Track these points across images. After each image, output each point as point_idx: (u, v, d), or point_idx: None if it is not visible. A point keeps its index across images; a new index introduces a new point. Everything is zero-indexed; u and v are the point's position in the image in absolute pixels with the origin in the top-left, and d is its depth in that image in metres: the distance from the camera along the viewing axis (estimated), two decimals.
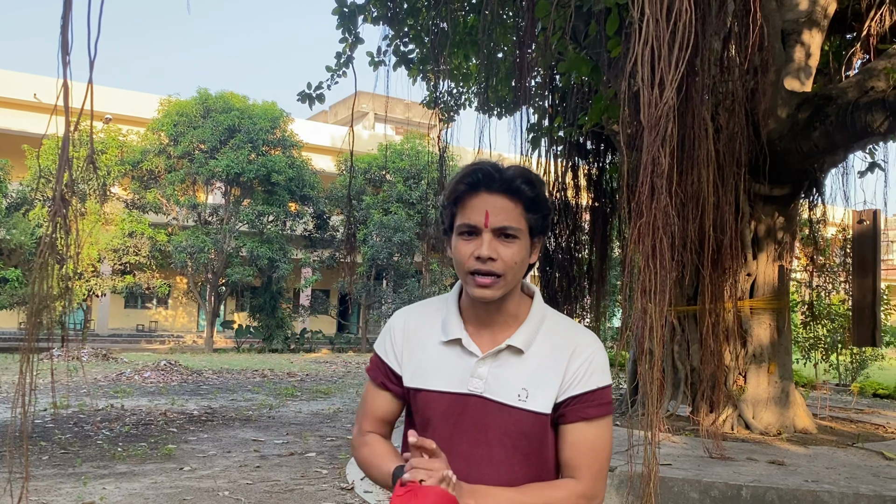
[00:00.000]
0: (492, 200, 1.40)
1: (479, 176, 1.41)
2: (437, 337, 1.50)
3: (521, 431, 1.43)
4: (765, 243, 6.66)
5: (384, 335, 1.58)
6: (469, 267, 1.41)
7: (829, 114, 5.82)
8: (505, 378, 1.44)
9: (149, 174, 24.60)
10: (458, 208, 1.43)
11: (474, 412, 1.44)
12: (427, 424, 1.48)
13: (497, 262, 1.40)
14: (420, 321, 1.55)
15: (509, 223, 1.40)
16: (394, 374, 1.54)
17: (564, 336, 1.50)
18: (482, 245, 1.39)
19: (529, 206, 1.43)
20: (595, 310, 10.62)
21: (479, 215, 1.40)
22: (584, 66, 6.24)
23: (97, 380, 14.06)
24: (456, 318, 1.50)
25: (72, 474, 6.32)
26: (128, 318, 32.59)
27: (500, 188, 1.41)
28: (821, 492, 4.45)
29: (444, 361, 1.48)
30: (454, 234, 1.45)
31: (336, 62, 9.67)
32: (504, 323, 1.48)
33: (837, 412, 8.40)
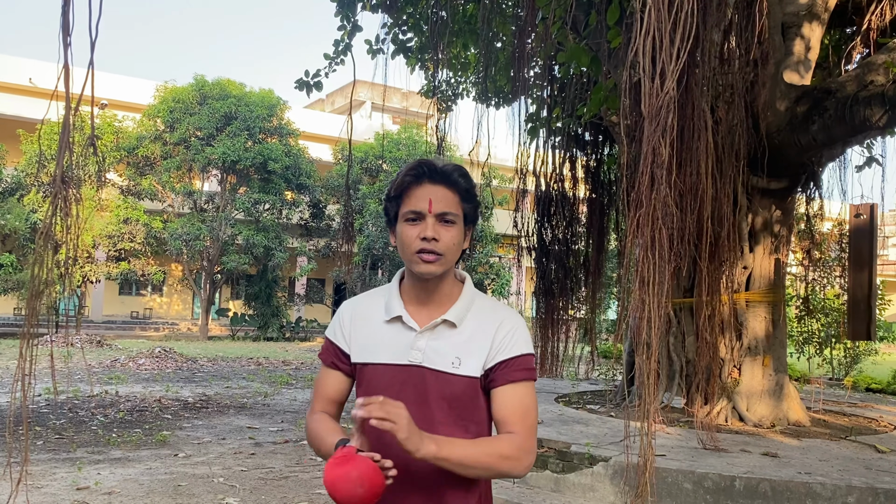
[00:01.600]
0: (433, 190, 1.62)
1: (424, 169, 1.63)
2: (380, 317, 1.70)
3: (455, 395, 1.62)
4: (761, 236, 6.67)
5: (334, 321, 1.77)
6: (415, 247, 1.60)
7: (827, 107, 5.82)
8: (440, 349, 1.64)
9: (144, 161, 24.49)
10: (404, 198, 1.63)
11: (415, 380, 1.62)
12: (372, 394, 1.56)
13: (439, 243, 1.60)
14: (366, 305, 1.75)
15: (449, 209, 1.62)
16: (343, 353, 1.72)
17: (491, 312, 1.70)
18: (427, 227, 1.59)
19: (464, 196, 1.66)
20: (591, 301, 10.63)
21: (424, 203, 1.61)
22: (584, 57, 6.22)
23: (91, 366, 14.04)
24: (397, 299, 1.69)
25: (66, 459, 6.32)
26: (122, 304, 32.54)
27: (441, 180, 1.63)
28: (813, 483, 4.48)
29: (387, 337, 1.67)
30: (400, 222, 1.64)
31: (334, 50, 9.63)
32: (439, 302, 1.68)
33: (831, 406, 8.44)
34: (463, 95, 11.89)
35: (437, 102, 10.80)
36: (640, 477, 3.20)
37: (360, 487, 1.43)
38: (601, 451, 5.09)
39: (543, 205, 10.12)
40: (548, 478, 5.16)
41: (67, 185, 1.83)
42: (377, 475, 1.45)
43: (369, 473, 1.44)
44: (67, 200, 1.89)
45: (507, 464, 1.57)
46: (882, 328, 18.90)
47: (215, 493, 5.40)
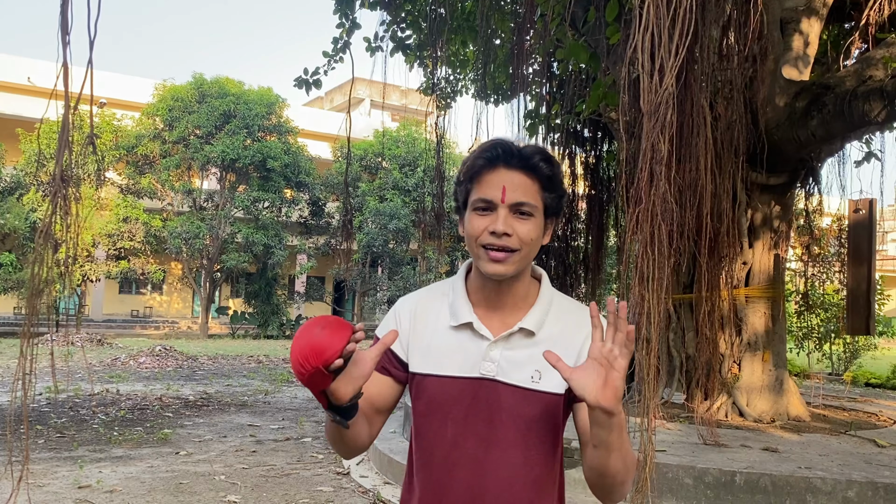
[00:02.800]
0: (509, 176, 1.39)
1: (499, 151, 1.40)
2: (445, 322, 1.48)
3: (534, 414, 1.42)
4: (761, 232, 6.68)
5: (388, 320, 1.54)
6: (482, 241, 1.39)
7: (826, 103, 5.83)
8: (517, 360, 1.43)
9: (143, 159, 24.50)
10: (475, 184, 1.41)
11: (487, 396, 1.42)
12: (436, 410, 1.45)
13: (513, 238, 1.38)
14: (427, 307, 1.52)
15: (526, 199, 1.39)
16: (398, 359, 1.50)
17: (575, 317, 1.49)
18: (497, 220, 1.37)
19: (546, 184, 1.42)
20: (591, 299, 10.63)
21: (496, 190, 1.38)
22: (583, 53, 6.23)
23: (92, 365, 14.05)
24: (464, 302, 1.47)
25: (68, 458, 6.33)
26: (122, 303, 32.55)
27: (518, 164, 1.40)
28: (814, 478, 4.49)
29: (454, 346, 1.46)
30: (468, 210, 1.43)
31: (333, 47, 9.62)
32: (514, 305, 1.47)
33: (830, 401, 8.45)
34: (462, 92, 11.88)
35: (437, 99, 10.79)
36: (640, 472, 3.21)
37: (319, 329, 1.25)
38: None
39: None
40: None
41: (67, 183, 1.83)
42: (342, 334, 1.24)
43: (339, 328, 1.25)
44: (67, 199, 1.88)
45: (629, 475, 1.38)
46: (881, 323, 18.89)
47: (217, 491, 5.42)
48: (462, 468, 1.41)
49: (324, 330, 1.24)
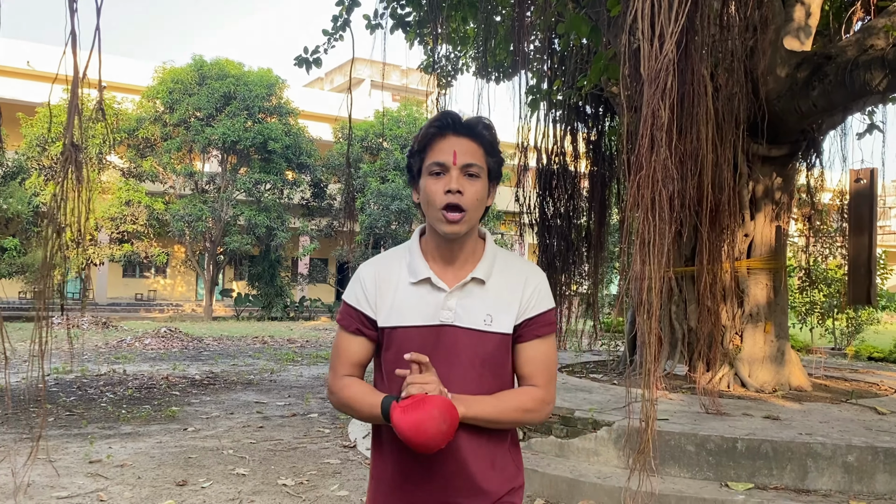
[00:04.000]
0: (458, 142, 1.60)
1: (448, 120, 1.62)
2: (405, 279, 1.66)
3: (487, 352, 1.63)
4: (762, 204, 6.69)
5: (353, 285, 1.72)
6: (440, 202, 1.58)
7: (828, 73, 5.82)
8: (471, 307, 1.64)
9: (144, 142, 24.47)
10: (428, 152, 1.62)
11: (447, 340, 1.62)
12: (401, 359, 1.60)
13: (464, 196, 1.58)
14: (386, 268, 1.70)
15: (474, 160, 1.60)
16: (367, 319, 1.68)
17: (516, 268, 1.71)
18: (451, 180, 1.58)
19: (489, 149, 1.64)
20: (593, 276, 10.67)
21: (448, 155, 1.59)
22: (584, 27, 6.22)
23: (98, 347, 14.15)
24: (421, 261, 1.67)
25: (78, 435, 6.41)
26: (126, 287, 32.66)
27: (465, 131, 1.62)
28: (814, 443, 4.55)
29: (415, 300, 1.64)
30: (424, 176, 1.63)
31: (333, 25, 9.59)
32: (464, 260, 1.68)
33: (832, 372, 8.51)
34: (462, 70, 11.84)
35: (437, 78, 10.76)
36: (642, 434, 3.26)
37: (444, 423, 1.44)
38: (604, 417, 5.16)
39: (545, 179, 10.13)
40: (552, 443, 5.24)
41: (79, 150, 1.86)
42: (454, 410, 1.47)
43: (449, 409, 1.46)
44: (79, 166, 1.92)
45: (529, 416, 1.65)
46: (884, 297, 18.95)
47: (225, 465, 5.49)
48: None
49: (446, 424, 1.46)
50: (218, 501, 4.59)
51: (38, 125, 22.87)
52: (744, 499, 4.27)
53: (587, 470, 4.88)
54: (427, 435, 1.43)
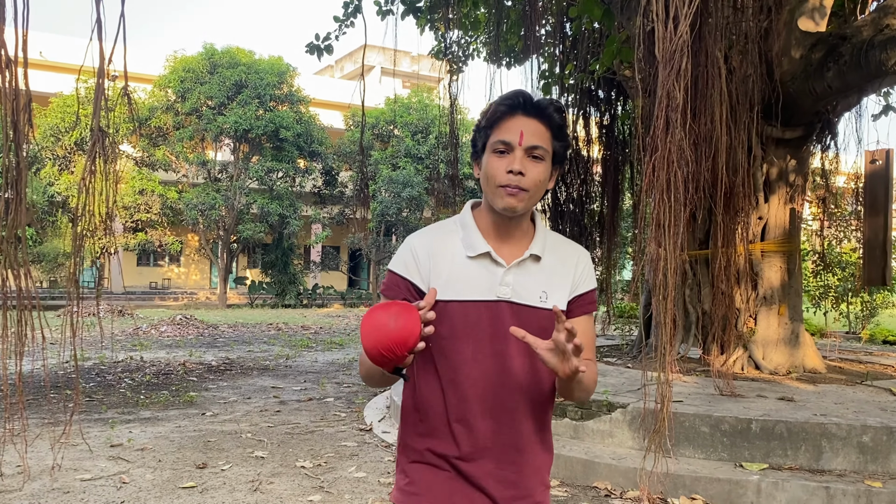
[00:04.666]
0: (526, 122, 1.57)
1: (520, 100, 1.58)
2: (461, 253, 1.64)
3: (543, 328, 1.59)
4: (776, 186, 6.68)
5: (403, 255, 1.68)
6: (500, 181, 1.57)
7: (843, 53, 5.78)
8: (527, 284, 1.64)
9: (157, 131, 24.59)
10: (494, 129, 1.59)
11: (505, 316, 1.61)
12: (459, 331, 1.61)
13: (526, 178, 1.56)
14: (442, 242, 1.67)
15: (540, 143, 1.58)
16: (416, 289, 1.64)
17: (566, 247, 1.73)
18: (515, 160, 1.56)
19: (557, 132, 1.61)
20: (606, 260, 10.66)
21: (514, 135, 1.56)
22: (596, 9, 6.20)
23: (115, 334, 14.30)
24: (478, 235, 1.65)
25: (98, 420, 6.51)
26: (141, 275, 32.91)
27: (535, 112, 1.58)
28: (829, 424, 4.56)
29: (473, 274, 1.62)
30: (487, 153, 1.60)
31: (344, 12, 9.60)
32: (519, 238, 1.67)
33: (847, 355, 8.50)
34: (474, 56, 11.82)
35: (448, 64, 10.75)
36: (657, 415, 3.29)
37: (394, 319, 1.38)
38: (619, 399, 5.20)
39: None
40: (567, 425, 5.28)
41: (105, 134, 1.89)
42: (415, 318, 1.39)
43: (409, 313, 1.39)
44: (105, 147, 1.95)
45: (594, 388, 1.69)
46: None
47: (244, 448, 5.57)
48: (482, 382, 1.61)
49: (398, 319, 1.38)
50: (238, 483, 4.67)
51: (51, 115, 23.02)
52: (758, 479, 4.29)
53: (602, 451, 4.92)
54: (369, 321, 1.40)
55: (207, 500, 4.33)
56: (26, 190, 2.94)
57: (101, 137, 1.92)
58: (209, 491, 4.50)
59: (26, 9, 2.05)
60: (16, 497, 4.30)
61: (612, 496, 4.48)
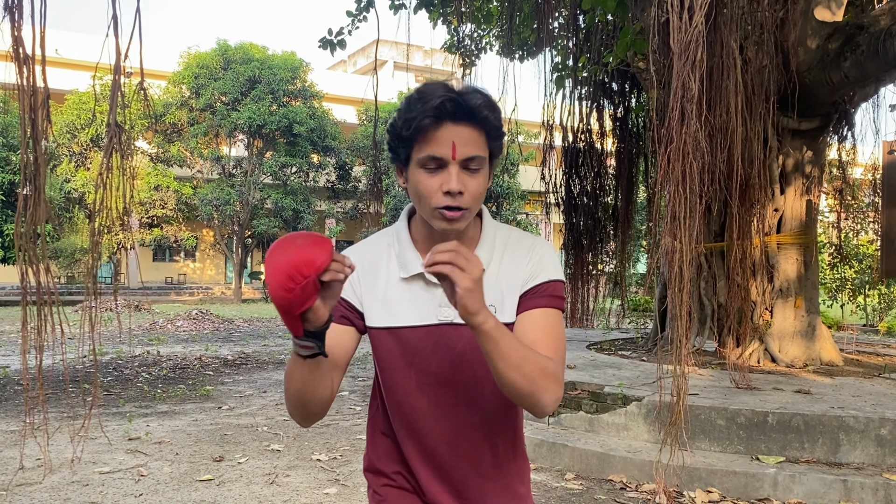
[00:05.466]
0: (457, 131, 1.32)
1: (448, 107, 1.31)
2: (395, 274, 1.46)
3: None
4: (792, 178, 6.62)
5: None
6: (436, 202, 1.34)
7: (860, 43, 5.72)
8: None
9: (171, 127, 24.74)
10: (419, 140, 1.34)
11: (448, 339, 1.43)
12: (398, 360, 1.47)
13: (465, 196, 1.34)
14: (374, 260, 1.49)
15: (476, 153, 1.34)
16: (355, 309, 1.47)
17: (519, 244, 1.50)
18: (451, 178, 1.32)
19: (492, 133, 1.38)
20: (620, 254, 10.63)
21: (446, 148, 1.32)
22: (610, 1, 6.17)
23: (131, 329, 14.43)
24: (413, 253, 1.45)
25: (116, 413, 6.57)
26: (156, 271, 33.16)
27: (466, 117, 1.33)
28: (846, 417, 4.54)
29: (408, 297, 1.45)
30: (414, 167, 1.36)
31: (356, 6, 9.60)
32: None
33: (864, 348, 8.43)
34: (486, 49, 11.79)
35: (461, 57, 10.74)
36: (673, 408, 3.28)
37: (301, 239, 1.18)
38: (634, 392, 5.19)
39: (571, 157, 10.10)
40: (582, 418, 5.28)
41: (122, 129, 1.91)
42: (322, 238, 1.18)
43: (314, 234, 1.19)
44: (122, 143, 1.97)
45: (545, 382, 1.31)
46: None
47: (260, 441, 5.61)
48: (431, 412, 1.46)
49: (306, 240, 1.18)
50: (254, 476, 4.70)
51: (67, 112, 23.21)
52: (775, 472, 4.28)
53: (617, 444, 4.92)
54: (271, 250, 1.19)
55: (224, 492, 4.37)
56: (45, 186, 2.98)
57: (118, 133, 1.93)
58: (226, 484, 4.54)
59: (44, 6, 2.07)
60: (36, 489, 4.36)
61: (628, 489, 4.47)
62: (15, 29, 1.93)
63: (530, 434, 5.14)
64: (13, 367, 9.07)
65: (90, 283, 2.36)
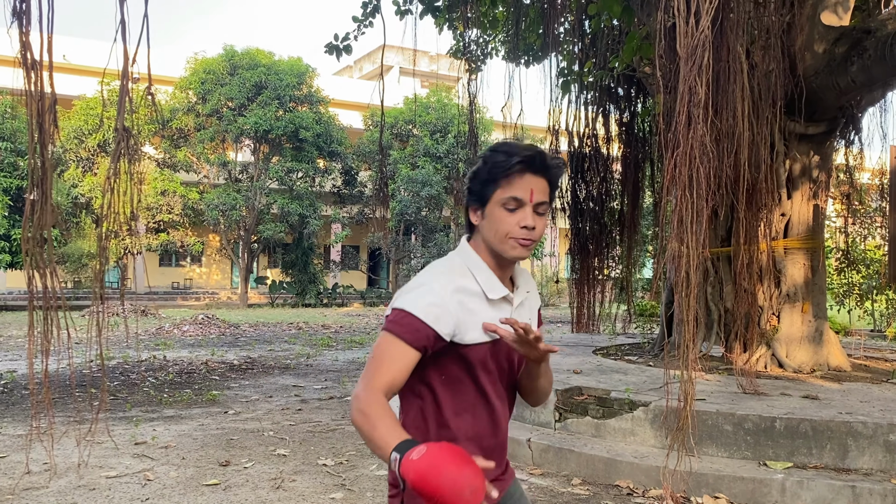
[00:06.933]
0: (536, 181, 1.70)
1: (536, 161, 1.69)
2: (481, 297, 1.74)
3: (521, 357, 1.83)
4: (799, 182, 6.60)
5: (430, 303, 1.64)
6: (515, 234, 1.70)
7: (867, 47, 5.71)
8: (524, 315, 1.83)
9: (178, 133, 24.83)
10: (504, 183, 1.69)
11: (507, 349, 1.78)
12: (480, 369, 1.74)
13: (535, 232, 1.72)
14: (463, 287, 1.73)
15: (545, 199, 1.72)
16: (440, 339, 1.65)
17: (524, 273, 1.90)
18: (527, 216, 1.69)
19: (555, 186, 1.77)
20: (627, 259, 10.62)
21: (526, 193, 1.68)
22: (616, 6, 6.17)
23: (138, 334, 14.46)
24: (496, 279, 1.77)
25: (122, 418, 6.58)
26: (163, 275, 33.23)
27: (543, 171, 1.71)
28: (854, 423, 4.51)
29: (492, 315, 1.74)
30: (495, 205, 1.70)
31: (362, 12, 9.63)
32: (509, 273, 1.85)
33: (872, 353, 8.39)
34: (492, 54, 11.80)
35: (467, 63, 10.75)
36: (680, 413, 3.27)
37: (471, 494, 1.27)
38: (641, 397, 5.17)
39: (577, 162, 10.10)
40: (588, 423, 5.26)
41: (131, 134, 1.91)
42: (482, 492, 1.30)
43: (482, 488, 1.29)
44: (130, 148, 1.98)
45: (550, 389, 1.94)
46: None
47: (266, 446, 5.61)
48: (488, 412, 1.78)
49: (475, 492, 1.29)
50: (260, 481, 4.70)
51: (75, 118, 23.32)
52: (783, 478, 4.25)
53: (624, 449, 4.90)
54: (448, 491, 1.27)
55: (231, 497, 4.37)
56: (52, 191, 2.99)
57: (126, 138, 1.94)
58: (232, 488, 4.54)
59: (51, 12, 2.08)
60: (43, 493, 4.36)
61: (635, 494, 4.45)
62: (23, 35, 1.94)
63: (537, 439, 5.13)
64: (20, 372, 9.10)
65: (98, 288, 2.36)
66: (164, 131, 24.26)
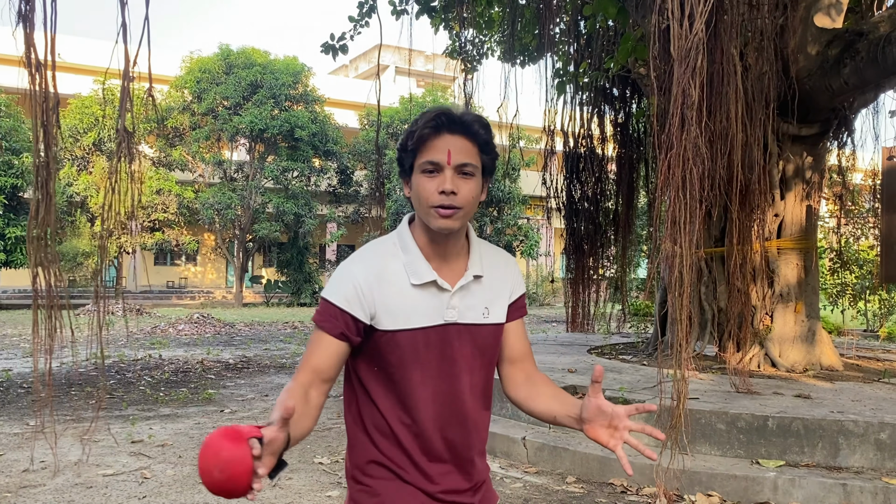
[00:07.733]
0: (453, 141, 1.56)
1: (443, 119, 1.56)
2: (405, 280, 1.62)
3: (487, 343, 1.69)
4: (793, 183, 6.66)
5: (343, 287, 1.60)
6: (433, 201, 1.56)
7: (859, 49, 5.76)
8: (471, 303, 1.67)
9: (174, 132, 24.81)
10: (421, 150, 1.57)
11: (452, 338, 1.64)
12: (409, 359, 1.62)
13: (458, 196, 1.55)
14: (383, 268, 1.63)
15: (469, 160, 1.57)
16: (359, 323, 1.59)
17: (498, 257, 1.77)
18: (445, 180, 1.55)
19: (483, 147, 1.61)
20: (621, 258, 10.67)
21: (442, 154, 1.55)
22: (611, 7, 6.21)
23: (133, 333, 14.46)
24: (422, 261, 1.63)
25: (119, 416, 6.60)
26: (157, 274, 33.19)
27: (460, 130, 1.57)
28: (846, 421, 4.56)
29: (418, 301, 1.62)
30: (416, 174, 1.59)
31: (359, 12, 9.67)
32: (456, 255, 1.68)
33: (864, 353, 8.46)
34: (488, 55, 11.85)
35: (462, 63, 10.78)
36: (673, 411, 3.31)
37: (219, 472, 1.25)
38: (635, 396, 5.21)
39: (572, 162, 10.15)
40: None
41: (131, 135, 1.94)
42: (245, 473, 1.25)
43: (240, 466, 1.25)
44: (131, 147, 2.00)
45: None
46: None
47: None
48: (433, 402, 1.63)
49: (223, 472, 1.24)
50: None
51: (70, 117, 23.27)
52: (775, 476, 4.30)
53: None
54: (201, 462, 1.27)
55: None
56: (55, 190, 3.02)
57: (127, 138, 1.97)
58: None
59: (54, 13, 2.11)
60: (41, 491, 4.39)
61: (629, 492, 4.50)
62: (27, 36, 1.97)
63: (532, 438, 5.17)
64: (15, 371, 9.10)
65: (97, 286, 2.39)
66: (159, 130, 24.25)
